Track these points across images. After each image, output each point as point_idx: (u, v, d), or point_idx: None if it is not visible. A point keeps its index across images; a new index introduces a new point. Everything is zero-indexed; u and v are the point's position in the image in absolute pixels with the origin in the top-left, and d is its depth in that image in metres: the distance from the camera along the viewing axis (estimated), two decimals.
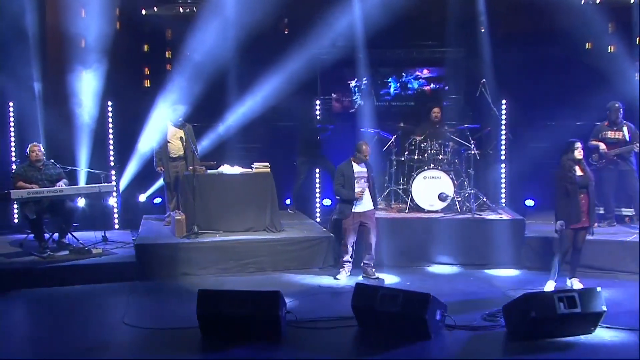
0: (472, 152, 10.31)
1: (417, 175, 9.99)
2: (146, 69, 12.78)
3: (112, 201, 10.55)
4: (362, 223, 8.58)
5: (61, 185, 8.98)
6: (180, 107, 10.09)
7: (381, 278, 8.58)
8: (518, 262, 9.23)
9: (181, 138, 9.84)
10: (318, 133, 11.14)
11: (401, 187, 10.48)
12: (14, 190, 8.63)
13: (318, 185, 11.38)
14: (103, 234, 9.61)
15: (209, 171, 9.71)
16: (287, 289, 7.62)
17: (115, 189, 10.08)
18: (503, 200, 10.82)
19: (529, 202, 11.30)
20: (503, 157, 10.95)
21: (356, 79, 12.26)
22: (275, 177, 9.76)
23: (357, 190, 8.47)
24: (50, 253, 8.78)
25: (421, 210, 9.93)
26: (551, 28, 11.72)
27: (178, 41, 11.31)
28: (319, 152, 11.09)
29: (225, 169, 9.76)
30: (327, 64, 12.20)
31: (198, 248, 8.93)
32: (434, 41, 12.51)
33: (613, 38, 11.56)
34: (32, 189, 8.70)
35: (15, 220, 10.62)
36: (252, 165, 9.84)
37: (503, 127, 10.90)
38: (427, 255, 9.42)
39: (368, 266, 8.65)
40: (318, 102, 11.51)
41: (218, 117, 11.52)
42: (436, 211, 9.87)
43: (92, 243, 9.32)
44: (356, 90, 11.50)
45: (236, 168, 9.83)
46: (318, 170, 11.30)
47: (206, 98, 11.06)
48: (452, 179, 9.95)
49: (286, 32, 12.38)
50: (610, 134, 9.68)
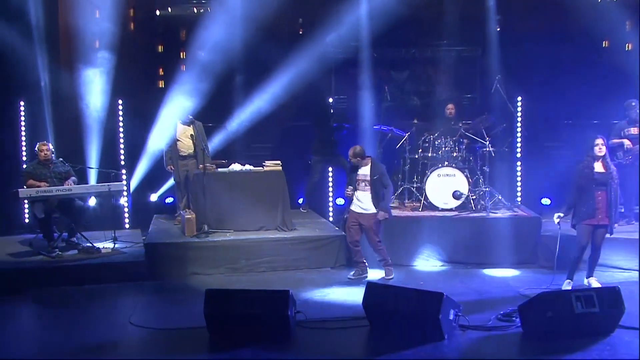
0: (487, 150, 10.16)
1: (431, 173, 9.87)
2: (160, 70, 12.73)
3: (123, 201, 10.52)
4: (360, 224, 8.42)
5: (70, 183, 8.94)
6: (188, 104, 10.00)
7: (394, 277, 8.44)
8: (534, 261, 9.11)
9: (191, 136, 9.76)
10: (334, 132, 11.08)
11: (415, 185, 10.36)
12: (22, 189, 8.58)
13: (331, 184, 11.28)
14: (113, 234, 9.53)
15: (220, 169, 9.63)
16: (298, 288, 7.61)
17: (125, 188, 10.03)
18: (519, 198, 10.68)
19: (545, 201, 11.16)
20: (519, 155, 10.81)
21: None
22: (288, 177, 9.69)
23: (348, 190, 8.42)
24: (59, 252, 8.73)
25: (435, 208, 9.80)
26: (568, 26, 11.62)
27: (192, 41, 11.26)
28: (335, 151, 11.00)
29: (236, 167, 9.65)
30: (342, 63, 12.14)
31: (208, 247, 8.85)
32: (449, 40, 12.38)
33: (630, 36, 11.40)
34: (41, 188, 8.65)
35: (26, 219, 10.59)
36: (264, 163, 9.75)
37: (519, 124, 10.75)
38: (440, 254, 9.27)
39: (382, 266, 8.53)
40: (331, 100, 11.40)
41: (232, 117, 11.46)
42: (450, 209, 9.74)
43: (102, 243, 9.25)
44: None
45: (247, 166, 9.72)
46: (331, 169, 11.22)
47: (220, 98, 11.05)
48: (467, 177, 9.82)
49: (300, 32, 12.30)
50: (633, 131, 9.51)
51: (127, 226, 10.62)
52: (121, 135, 10.76)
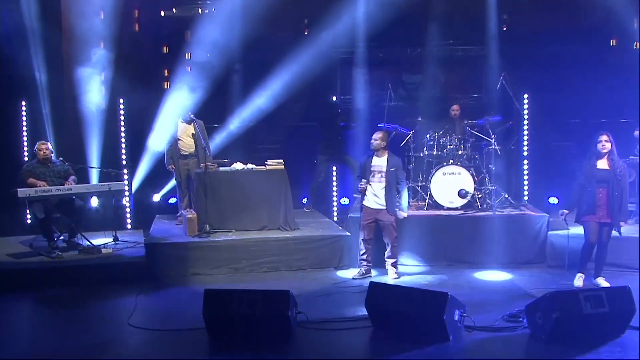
0: (493, 148, 10.01)
1: (436, 171, 9.75)
2: (166, 71, 12.66)
3: (125, 201, 10.46)
4: (377, 220, 8.29)
5: (71, 182, 8.87)
6: (189, 103, 9.91)
7: (399, 277, 8.33)
8: (542, 260, 8.99)
9: (193, 135, 9.66)
10: (340, 131, 11.01)
11: (420, 184, 10.22)
12: (22, 188, 8.48)
13: (335, 183, 11.17)
14: (114, 234, 9.44)
15: (221, 168, 9.53)
16: (300, 288, 7.50)
17: (126, 188, 9.93)
18: (526, 197, 10.55)
19: (553, 200, 11.06)
20: (525, 154, 10.69)
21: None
22: (293, 177, 9.60)
23: (361, 183, 8.21)
24: (59, 253, 8.64)
25: (440, 207, 9.67)
26: (576, 24, 11.63)
27: (197, 42, 11.19)
28: (341, 150, 10.95)
29: (238, 166, 9.54)
30: (347, 63, 12.14)
31: (209, 247, 8.73)
32: (455, 39, 12.32)
33: (638, 34, 11.27)
34: (40, 188, 8.57)
35: (28, 221, 10.50)
36: (266, 162, 9.64)
37: (525, 122, 10.62)
38: (446, 253, 9.14)
39: (387, 264, 8.42)
40: (335, 99, 11.30)
41: (237, 118, 11.42)
42: (456, 208, 9.61)
43: (102, 243, 9.17)
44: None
45: (249, 165, 9.60)
46: (335, 168, 11.13)
47: (225, 98, 11.11)
48: (473, 175, 9.68)
49: (306, 33, 12.23)
50: None
51: (129, 226, 10.53)
52: (122, 135, 10.67)
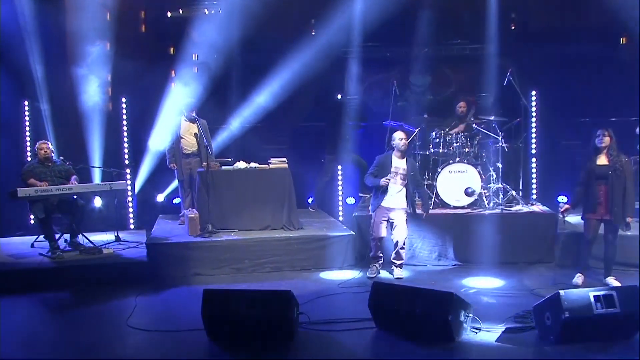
0: (501, 145, 9.85)
1: (442, 169, 9.62)
2: (172, 72, 12.60)
3: (128, 201, 10.36)
4: (390, 219, 8.23)
5: (73, 182, 8.79)
6: (191, 100, 9.85)
7: (403, 277, 8.22)
8: (551, 259, 8.86)
9: (195, 134, 9.56)
10: (348, 131, 10.94)
11: (426, 182, 10.05)
12: (22, 188, 8.39)
13: (340, 183, 11.05)
14: (116, 234, 9.35)
15: (224, 167, 9.43)
16: (303, 289, 7.42)
17: (129, 187, 9.84)
18: (534, 195, 10.41)
19: (562, 198, 10.87)
20: (534, 152, 10.53)
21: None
22: (299, 177, 9.53)
23: (387, 177, 8.08)
24: (59, 253, 8.54)
25: (447, 206, 9.54)
26: (584, 23, 11.49)
27: (202, 43, 11.11)
28: (349, 149, 10.90)
29: (240, 165, 9.43)
30: (355, 63, 11.93)
31: (211, 247, 8.61)
32: (463, 39, 12.21)
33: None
34: (40, 187, 8.48)
35: (31, 221, 10.43)
36: (269, 160, 9.52)
37: (533, 120, 10.46)
38: (452, 252, 9.03)
39: (393, 264, 8.34)
40: (339, 97, 11.32)
41: (242, 118, 11.35)
42: (462, 207, 9.48)
43: (104, 243, 9.07)
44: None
45: (252, 164, 9.49)
46: (340, 167, 11.04)
47: (230, 99, 11.01)
48: (479, 173, 9.53)
49: (313, 33, 12.13)
50: None
51: (132, 226, 10.49)
52: (125, 134, 10.63)
